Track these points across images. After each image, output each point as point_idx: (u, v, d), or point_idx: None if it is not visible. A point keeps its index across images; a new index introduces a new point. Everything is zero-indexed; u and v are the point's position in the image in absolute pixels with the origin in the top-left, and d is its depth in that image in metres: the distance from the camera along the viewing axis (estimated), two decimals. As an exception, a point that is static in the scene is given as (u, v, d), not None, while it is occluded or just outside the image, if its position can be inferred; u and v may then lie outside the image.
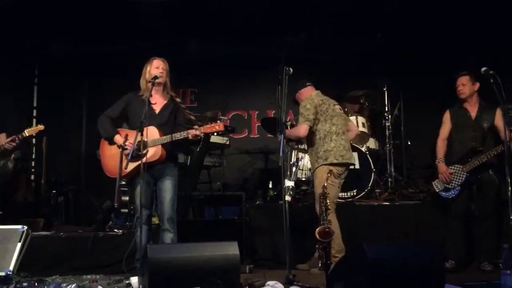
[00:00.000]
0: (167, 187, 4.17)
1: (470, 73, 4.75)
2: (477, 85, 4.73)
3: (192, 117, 4.21)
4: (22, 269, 4.21)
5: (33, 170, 7.16)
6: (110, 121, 4.26)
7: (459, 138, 4.78)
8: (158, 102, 4.26)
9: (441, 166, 4.74)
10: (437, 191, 4.79)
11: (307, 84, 4.91)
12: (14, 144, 4.80)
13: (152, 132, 4.07)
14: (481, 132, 4.67)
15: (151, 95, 4.15)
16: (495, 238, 4.63)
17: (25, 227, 4.29)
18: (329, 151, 4.59)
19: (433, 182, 4.84)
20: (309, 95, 4.78)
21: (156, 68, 4.22)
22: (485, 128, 4.66)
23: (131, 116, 4.28)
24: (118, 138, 4.18)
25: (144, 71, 4.29)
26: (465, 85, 4.74)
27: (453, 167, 4.69)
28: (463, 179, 4.62)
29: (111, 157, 4.23)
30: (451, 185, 4.68)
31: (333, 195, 4.61)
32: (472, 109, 4.75)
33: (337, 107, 4.84)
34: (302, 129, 4.62)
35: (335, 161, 4.56)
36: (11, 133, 4.93)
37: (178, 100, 4.33)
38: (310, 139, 4.75)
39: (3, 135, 5.04)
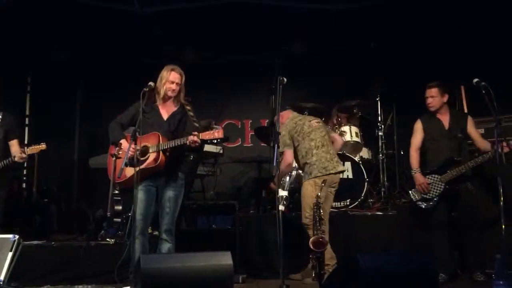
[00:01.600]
0: (170, 197, 4.15)
1: (439, 85, 4.76)
2: (446, 96, 4.75)
3: (196, 124, 4.20)
4: (13, 278, 4.17)
5: (24, 178, 7.10)
6: (120, 126, 4.26)
7: (433, 148, 4.75)
8: (167, 110, 4.28)
9: (418, 177, 4.70)
10: (415, 200, 4.75)
11: (286, 107, 5.02)
12: (24, 159, 4.80)
13: (155, 139, 4.07)
14: (456, 141, 4.66)
15: (156, 103, 4.20)
16: (481, 249, 4.63)
17: (17, 236, 4.26)
18: (312, 165, 4.67)
19: (410, 192, 4.81)
20: (286, 119, 4.90)
21: (171, 83, 4.20)
22: (459, 138, 4.66)
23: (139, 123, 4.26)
24: (125, 144, 4.17)
25: (162, 79, 4.24)
26: (434, 97, 4.73)
27: (430, 177, 4.66)
28: (442, 189, 4.60)
29: (117, 163, 4.21)
30: (429, 195, 4.65)
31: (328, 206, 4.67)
32: (444, 118, 4.75)
33: (314, 122, 4.93)
34: (286, 155, 4.74)
35: (319, 174, 4.63)
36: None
37: (188, 108, 4.32)
38: (297, 161, 4.88)
39: (15, 141, 4.99)
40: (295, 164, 5.06)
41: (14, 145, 4.98)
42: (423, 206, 4.70)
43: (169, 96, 4.23)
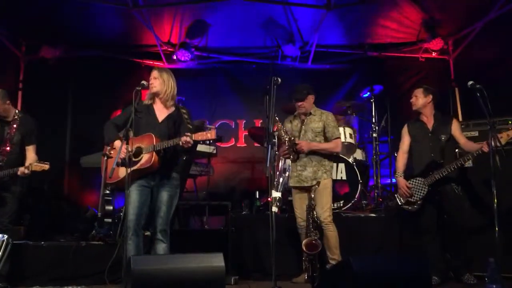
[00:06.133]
0: (164, 198, 4.12)
1: (424, 87, 4.82)
2: (430, 97, 4.77)
3: (189, 125, 4.18)
4: (1, 278, 4.12)
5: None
6: (114, 127, 4.24)
7: (417, 150, 4.77)
8: (162, 111, 4.25)
9: (400, 181, 4.72)
10: (400, 204, 4.76)
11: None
12: (27, 174, 4.59)
13: (149, 140, 4.04)
14: (438, 143, 4.66)
15: (151, 104, 4.19)
16: (468, 250, 4.63)
17: (5, 236, 4.20)
18: (332, 164, 4.84)
19: (396, 195, 4.82)
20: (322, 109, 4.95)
21: (151, 78, 4.21)
22: (442, 140, 4.66)
23: (134, 124, 4.23)
24: (118, 144, 4.14)
25: None
26: (418, 97, 4.78)
27: (414, 180, 4.66)
28: (425, 192, 4.60)
29: (108, 162, 4.18)
30: (413, 199, 4.65)
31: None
32: (428, 121, 4.77)
33: None
34: (341, 144, 4.93)
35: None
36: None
37: (183, 111, 4.30)
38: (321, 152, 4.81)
39: (32, 148, 4.81)
40: (288, 165, 5.02)
41: (30, 151, 4.81)
42: (408, 210, 4.70)
43: (153, 93, 4.18)
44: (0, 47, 6.65)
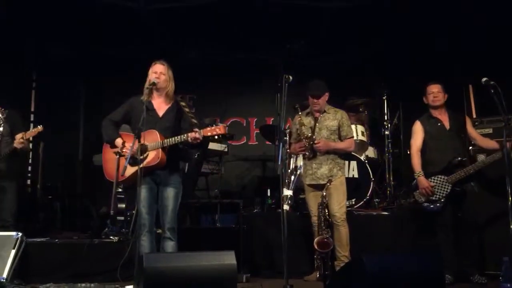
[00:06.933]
0: (170, 195, 4.10)
1: (441, 83, 4.74)
2: (446, 96, 4.71)
3: (194, 121, 4.13)
4: (16, 276, 4.16)
5: (29, 175, 7.10)
6: (113, 124, 4.23)
7: (434, 148, 4.66)
8: (161, 106, 4.20)
9: (422, 180, 4.58)
10: (420, 202, 4.63)
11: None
12: (23, 144, 4.87)
13: (153, 136, 4.02)
14: (459, 141, 4.60)
15: (149, 100, 4.09)
16: (481, 249, 4.60)
17: (20, 234, 4.24)
18: (344, 164, 4.87)
19: (414, 193, 4.68)
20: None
21: (154, 73, 4.16)
22: (462, 138, 4.61)
23: (133, 121, 4.23)
24: (119, 142, 4.14)
25: (148, 76, 4.23)
26: (440, 93, 4.69)
27: (436, 178, 4.57)
28: (448, 190, 4.51)
29: (111, 160, 4.20)
30: (435, 197, 4.55)
31: None
32: (444, 118, 4.69)
33: None
34: (354, 144, 5.03)
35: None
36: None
37: (183, 104, 4.25)
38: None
39: (20, 135, 5.00)
40: (299, 164, 5.00)
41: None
42: (429, 208, 4.61)
43: (157, 88, 4.10)
44: (13, 49, 6.70)
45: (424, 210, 4.64)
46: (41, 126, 4.88)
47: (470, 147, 4.76)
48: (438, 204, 4.56)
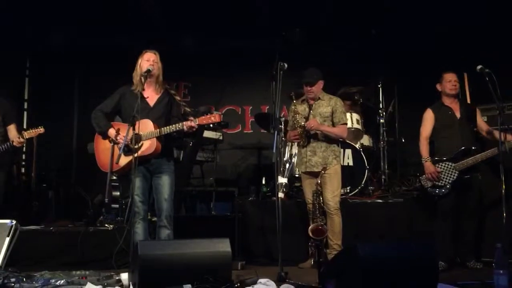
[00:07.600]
0: (165, 183, 4.12)
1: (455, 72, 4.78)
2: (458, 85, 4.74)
3: (187, 109, 4.14)
4: (10, 264, 4.15)
5: (23, 163, 7.07)
6: (103, 115, 4.22)
7: (446, 136, 4.70)
8: (152, 95, 4.20)
9: (429, 166, 4.64)
10: (426, 187, 4.70)
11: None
12: (22, 143, 4.88)
13: (147, 126, 4.01)
14: (469, 131, 4.64)
15: (143, 89, 4.08)
16: (478, 236, 4.64)
17: (14, 222, 4.23)
18: (340, 150, 4.83)
19: (420, 178, 4.76)
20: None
21: (146, 61, 4.15)
22: (471, 127, 4.65)
23: (124, 110, 4.22)
24: (112, 132, 4.13)
25: (137, 65, 4.22)
26: (457, 82, 4.72)
27: (443, 164, 4.62)
28: (455, 177, 4.56)
29: (104, 151, 4.19)
30: (441, 183, 4.61)
31: None
32: (455, 107, 4.72)
33: None
34: (347, 130, 4.97)
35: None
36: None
37: (172, 92, 4.26)
38: (329, 136, 4.78)
39: (13, 126, 5.03)
40: (294, 152, 5.01)
41: (12, 130, 5.03)
42: (435, 193, 4.64)
43: (151, 75, 4.08)
44: (7, 36, 6.62)
45: (429, 194, 4.68)
46: (42, 127, 4.87)
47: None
48: (443, 190, 4.60)
